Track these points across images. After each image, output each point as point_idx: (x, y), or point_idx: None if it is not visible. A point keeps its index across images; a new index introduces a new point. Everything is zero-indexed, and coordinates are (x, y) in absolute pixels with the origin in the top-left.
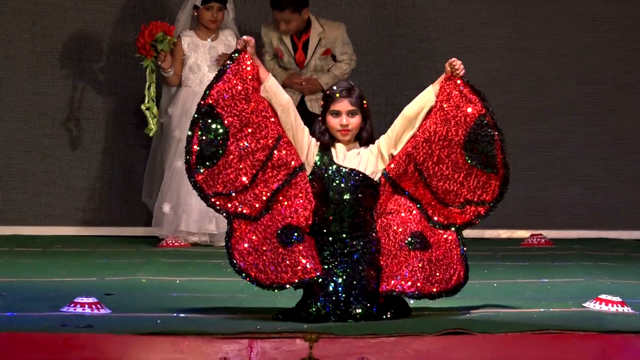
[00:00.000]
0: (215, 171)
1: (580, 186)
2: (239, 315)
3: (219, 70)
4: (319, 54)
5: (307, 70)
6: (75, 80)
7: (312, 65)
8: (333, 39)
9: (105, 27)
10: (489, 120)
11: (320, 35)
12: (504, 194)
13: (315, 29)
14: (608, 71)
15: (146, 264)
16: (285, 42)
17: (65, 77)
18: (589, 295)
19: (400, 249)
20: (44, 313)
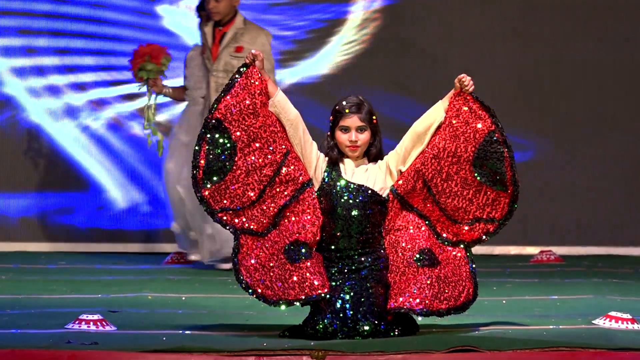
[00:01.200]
0: (222, 186)
1: (590, 202)
2: (246, 332)
3: (227, 84)
4: (231, 49)
5: (218, 65)
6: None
7: (223, 62)
8: (252, 42)
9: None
10: (499, 136)
11: (238, 31)
12: (514, 211)
13: (236, 25)
14: (617, 89)
15: (152, 281)
16: (206, 33)
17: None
18: (599, 312)
19: (409, 266)
20: (49, 330)
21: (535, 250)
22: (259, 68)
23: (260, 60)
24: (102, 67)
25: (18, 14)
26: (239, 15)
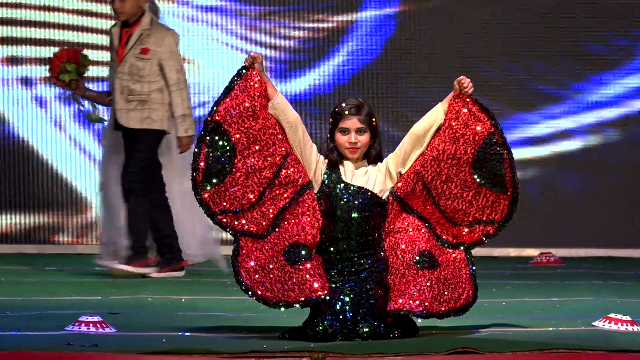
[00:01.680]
0: (222, 188)
1: (590, 204)
2: (245, 334)
3: (226, 87)
4: (137, 51)
5: (124, 67)
6: None
7: (128, 64)
8: (158, 44)
9: None
10: (498, 138)
11: (144, 32)
12: (513, 213)
13: (142, 25)
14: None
15: (152, 283)
16: (113, 33)
17: None
18: (599, 314)
19: (409, 268)
20: (49, 332)
21: (535, 252)
22: (259, 70)
23: (259, 62)
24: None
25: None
26: (147, 15)
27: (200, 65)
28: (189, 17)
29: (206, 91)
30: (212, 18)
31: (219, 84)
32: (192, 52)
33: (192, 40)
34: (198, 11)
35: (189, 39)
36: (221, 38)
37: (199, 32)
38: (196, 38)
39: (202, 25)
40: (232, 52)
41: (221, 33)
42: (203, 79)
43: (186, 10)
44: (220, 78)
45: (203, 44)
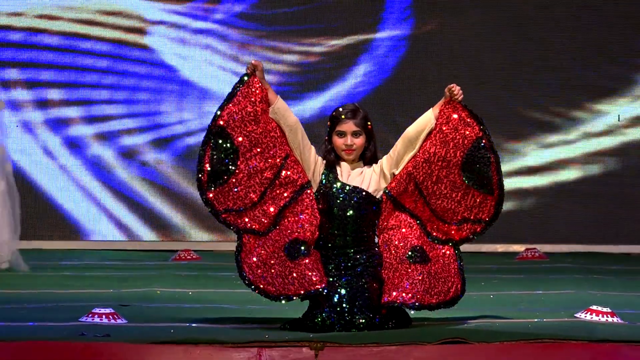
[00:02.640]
0: (226, 189)
1: (573, 202)
2: (249, 325)
3: (230, 93)
4: None
5: None
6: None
7: None
8: None
9: None
10: (486, 142)
11: None
12: (499, 212)
13: None
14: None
15: (160, 277)
16: None
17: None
18: (581, 306)
19: (401, 263)
20: (64, 323)
21: (520, 248)
22: (260, 77)
23: (260, 70)
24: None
25: None
26: None
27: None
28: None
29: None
30: (229, 36)
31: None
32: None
33: (200, 64)
34: (210, 34)
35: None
36: (225, 65)
37: (206, 57)
38: (204, 63)
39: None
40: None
41: (233, 56)
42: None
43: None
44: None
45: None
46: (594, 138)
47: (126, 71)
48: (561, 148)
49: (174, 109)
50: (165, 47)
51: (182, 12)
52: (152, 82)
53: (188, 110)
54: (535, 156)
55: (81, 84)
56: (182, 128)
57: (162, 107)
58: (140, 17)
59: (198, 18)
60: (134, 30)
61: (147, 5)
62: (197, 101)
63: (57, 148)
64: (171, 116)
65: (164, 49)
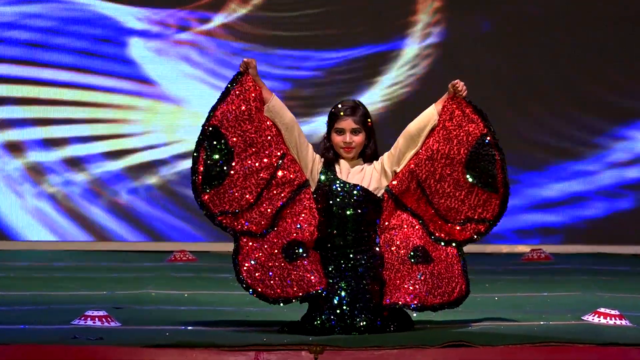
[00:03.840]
0: (221, 190)
1: (580, 202)
2: (246, 328)
3: (223, 92)
4: None
5: None
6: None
7: None
8: None
9: None
10: (491, 139)
11: None
12: (504, 212)
13: None
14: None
15: (155, 278)
16: None
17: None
18: (588, 309)
19: (403, 263)
20: (56, 326)
21: (526, 249)
22: (253, 75)
23: (253, 67)
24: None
25: None
26: None
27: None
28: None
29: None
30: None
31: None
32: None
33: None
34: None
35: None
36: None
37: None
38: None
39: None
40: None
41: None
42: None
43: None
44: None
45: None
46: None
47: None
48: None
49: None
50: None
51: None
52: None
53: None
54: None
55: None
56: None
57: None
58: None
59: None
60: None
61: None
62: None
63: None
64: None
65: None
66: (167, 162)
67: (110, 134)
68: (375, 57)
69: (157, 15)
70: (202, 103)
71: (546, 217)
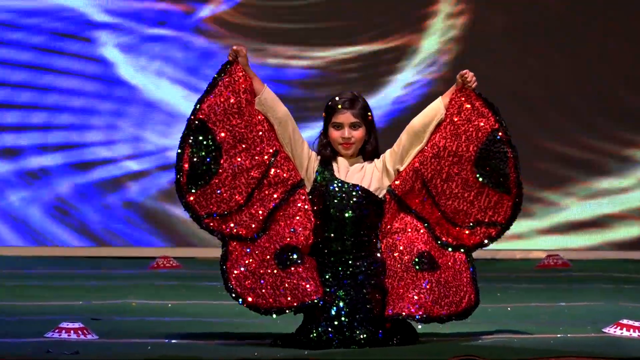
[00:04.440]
0: (208, 190)
1: (599, 205)
2: (236, 341)
3: (210, 84)
4: None
5: None
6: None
7: None
8: None
9: None
10: (502, 135)
11: None
12: (517, 214)
13: None
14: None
15: (136, 287)
16: None
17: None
18: (609, 320)
19: (407, 270)
20: (28, 339)
21: (542, 255)
22: (243, 65)
23: (243, 56)
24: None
25: None
26: None
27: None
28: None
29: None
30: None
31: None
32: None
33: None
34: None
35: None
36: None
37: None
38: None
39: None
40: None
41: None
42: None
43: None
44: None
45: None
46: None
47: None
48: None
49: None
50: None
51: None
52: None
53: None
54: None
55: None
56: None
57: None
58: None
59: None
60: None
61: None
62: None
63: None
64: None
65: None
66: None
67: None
68: (389, 53)
69: (127, 7)
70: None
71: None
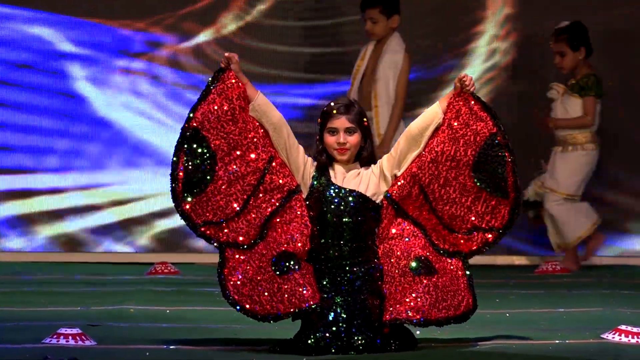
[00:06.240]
0: (204, 198)
1: (599, 210)
2: (234, 347)
3: (203, 91)
4: None
5: None
6: None
7: None
8: None
9: None
10: (501, 139)
11: None
12: (515, 220)
13: None
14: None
15: (134, 293)
16: None
17: None
18: (608, 326)
19: (404, 275)
20: (25, 345)
21: (540, 260)
22: (235, 71)
23: (235, 62)
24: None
25: None
26: None
27: None
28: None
29: None
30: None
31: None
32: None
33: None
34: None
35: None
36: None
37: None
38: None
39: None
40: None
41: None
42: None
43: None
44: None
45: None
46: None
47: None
48: None
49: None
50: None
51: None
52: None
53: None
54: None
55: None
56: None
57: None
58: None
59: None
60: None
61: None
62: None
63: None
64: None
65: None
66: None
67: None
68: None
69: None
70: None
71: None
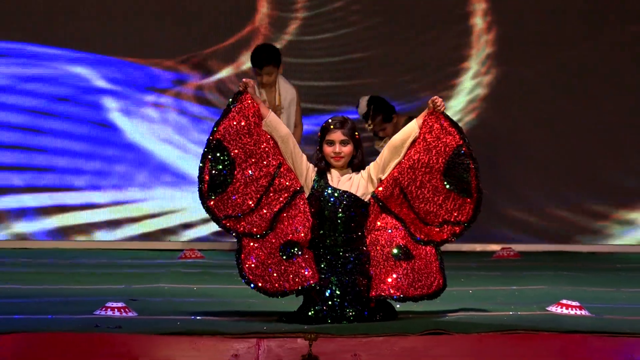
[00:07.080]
0: (225, 197)
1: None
2: (248, 318)
3: (225, 110)
4: None
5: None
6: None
7: None
8: None
9: None
10: (466, 150)
11: None
12: (477, 215)
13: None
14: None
15: (167, 274)
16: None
17: None
18: (552, 301)
19: (387, 260)
20: (79, 316)
21: (497, 247)
22: (251, 94)
23: (251, 87)
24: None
25: None
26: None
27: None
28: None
29: None
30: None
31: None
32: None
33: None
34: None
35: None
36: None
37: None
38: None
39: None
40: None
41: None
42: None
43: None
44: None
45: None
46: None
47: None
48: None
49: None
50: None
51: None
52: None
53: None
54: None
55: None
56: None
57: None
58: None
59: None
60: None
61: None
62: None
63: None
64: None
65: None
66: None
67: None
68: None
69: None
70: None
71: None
